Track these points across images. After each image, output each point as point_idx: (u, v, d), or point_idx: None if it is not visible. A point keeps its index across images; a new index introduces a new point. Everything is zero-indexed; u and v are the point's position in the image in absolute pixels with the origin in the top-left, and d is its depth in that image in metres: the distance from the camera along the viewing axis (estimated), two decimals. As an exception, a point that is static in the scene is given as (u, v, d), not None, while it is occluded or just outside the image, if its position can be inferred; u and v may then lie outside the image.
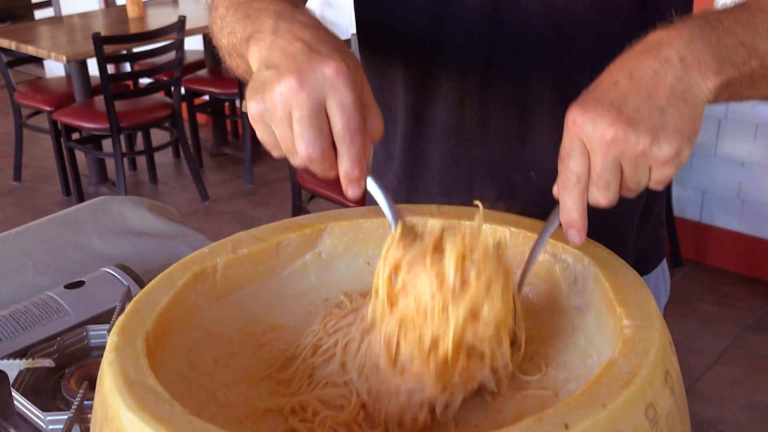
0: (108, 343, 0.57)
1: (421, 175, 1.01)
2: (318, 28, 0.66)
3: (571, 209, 0.62)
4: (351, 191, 0.64)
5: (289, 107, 0.60)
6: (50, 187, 4.16)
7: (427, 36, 0.93)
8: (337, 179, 0.64)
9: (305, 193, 2.87)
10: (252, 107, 0.62)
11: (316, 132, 0.60)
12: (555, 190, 0.64)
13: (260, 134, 0.63)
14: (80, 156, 4.00)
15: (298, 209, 2.90)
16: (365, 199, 0.82)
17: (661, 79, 0.60)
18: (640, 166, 0.59)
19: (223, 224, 3.67)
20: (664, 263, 1.10)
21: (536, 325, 0.69)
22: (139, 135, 4.18)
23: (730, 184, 3.07)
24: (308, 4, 0.89)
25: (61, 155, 3.90)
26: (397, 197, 1.04)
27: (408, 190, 1.03)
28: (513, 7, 0.88)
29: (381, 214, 0.76)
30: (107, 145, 3.78)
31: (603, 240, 0.97)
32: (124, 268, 1.01)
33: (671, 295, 3.18)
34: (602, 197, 0.61)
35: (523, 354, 0.64)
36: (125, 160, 4.19)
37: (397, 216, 0.67)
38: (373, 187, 0.66)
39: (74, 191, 3.89)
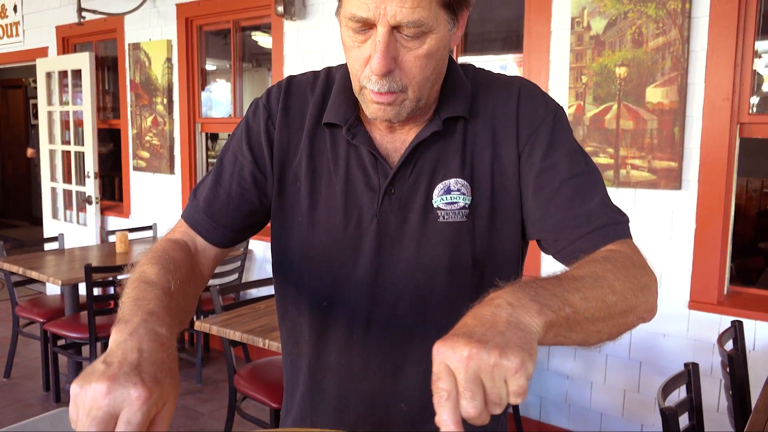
0: None
1: (319, 401, 0.99)
2: (161, 345, 0.65)
3: (447, 422, 0.58)
4: None
5: (92, 404, 0.58)
6: (33, 383, 3.87)
7: (323, 298, 0.95)
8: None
9: (239, 395, 2.76)
10: (73, 387, 0.60)
11: None
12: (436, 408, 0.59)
13: (70, 408, 0.60)
14: (62, 358, 3.78)
15: (234, 407, 2.78)
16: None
17: (497, 316, 0.61)
18: (496, 377, 0.57)
19: (174, 417, 3.44)
20: None
21: None
22: (114, 341, 4.01)
23: (559, 392, 3.10)
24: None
25: (47, 358, 3.68)
26: (299, 417, 1.02)
27: (311, 413, 1.01)
28: (388, 281, 0.92)
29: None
30: (87, 349, 3.60)
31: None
32: (66, 470, 0.95)
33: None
34: (470, 407, 0.57)
35: None
36: (100, 361, 3.98)
37: None
38: None
39: (53, 388, 3.62)
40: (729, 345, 2.35)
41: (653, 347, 2.81)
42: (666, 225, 2.74)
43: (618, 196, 2.83)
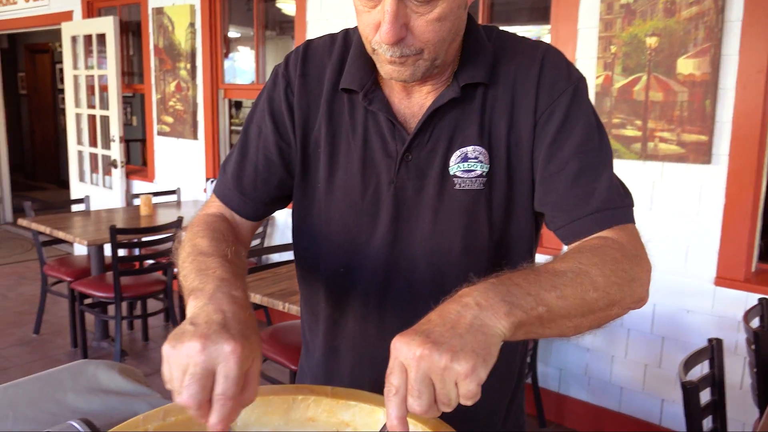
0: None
1: (335, 368, 0.99)
2: (241, 306, 0.66)
3: (392, 416, 0.59)
4: None
5: (188, 361, 0.59)
6: (62, 339, 3.94)
7: (341, 264, 0.94)
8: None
9: (260, 356, 2.78)
10: (165, 348, 0.61)
11: (199, 388, 0.58)
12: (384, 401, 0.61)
13: (164, 368, 0.61)
14: (89, 316, 3.83)
15: (253, 369, 2.79)
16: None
17: (462, 317, 0.60)
18: (446, 380, 0.57)
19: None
20: None
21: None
22: (139, 302, 4.06)
23: (579, 364, 3.07)
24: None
25: (74, 315, 3.73)
26: (315, 382, 1.01)
27: (326, 378, 1.00)
28: (404, 249, 0.90)
29: (286, 392, 0.74)
30: (112, 308, 3.65)
31: (477, 425, 0.94)
32: (87, 422, 0.94)
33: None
34: (416, 405, 0.58)
35: None
36: (124, 321, 4.04)
37: None
38: None
39: (80, 344, 3.68)
40: (755, 322, 2.29)
41: (677, 323, 2.76)
42: (694, 200, 2.67)
43: (645, 170, 2.76)
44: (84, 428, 0.92)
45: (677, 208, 2.71)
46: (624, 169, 2.79)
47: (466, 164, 0.86)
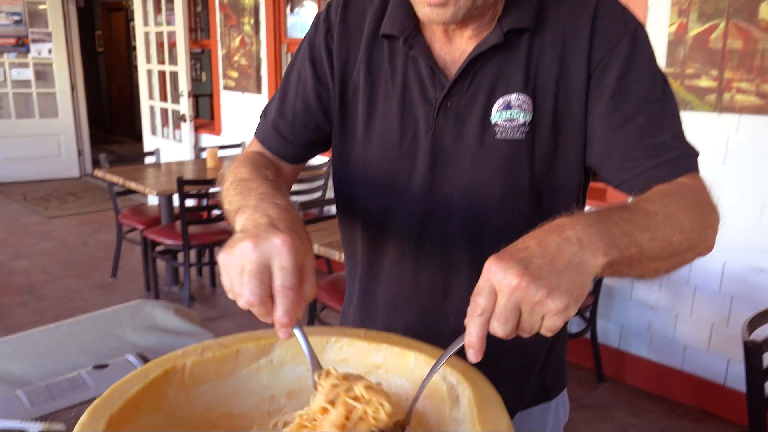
0: (78, 421, 0.55)
1: (371, 310, 0.99)
2: (285, 210, 0.68)
3: (472, 334, 0.59)
4: (281, 334, 0.63)
5: (243, 262, 0.60)
6: (136, 283, 4.16)
7: (379, 208, 0.94)
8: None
9: (319, 305, 2.84)
10: (221, 257, 0.63)
11: (257, 283, 0.60)
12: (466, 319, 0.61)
13: (222, 278, 0.63)
14: (161, 262, 4.01)
15: (313, 316, 2.86)
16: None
17: (562, 251, 0.59)
18: (535, 312, 0.57)
19: (256, 321, 3.62)
20: (564, 392, 1.04)
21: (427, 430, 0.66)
22: (207, 250, 4.21)
23: (642, 321, 2.99)
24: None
25: (147, 261, 3.92)
26: (353, 325, 1.03)
27: (362, 321, 1.01)
28: (441, 196, 0.88)
29: (320, 333, 0.75)
30: (181, 256, 3.81)
31: (513, 374, 0.93)
32: (142, 357, 0.99)
33: (593, 403, 3.04)
34: (500, 329, 0.58)
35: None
36: (193, 268, 4.20)
37: (315, 365, 0.67)
38: (299, 337, 0.65)
39: (153, 288, 3.88)
40: (832, 283, 2.15)
41: (747, 282, 2.62)
42: (771, 153, 2.50)
43: (719, 122, 2.60)
44: (139, 361, 0.97)
45: (753, 163, 2.55)
46: (697, 121, 2.64)
47: (509, 113, 0.83)
